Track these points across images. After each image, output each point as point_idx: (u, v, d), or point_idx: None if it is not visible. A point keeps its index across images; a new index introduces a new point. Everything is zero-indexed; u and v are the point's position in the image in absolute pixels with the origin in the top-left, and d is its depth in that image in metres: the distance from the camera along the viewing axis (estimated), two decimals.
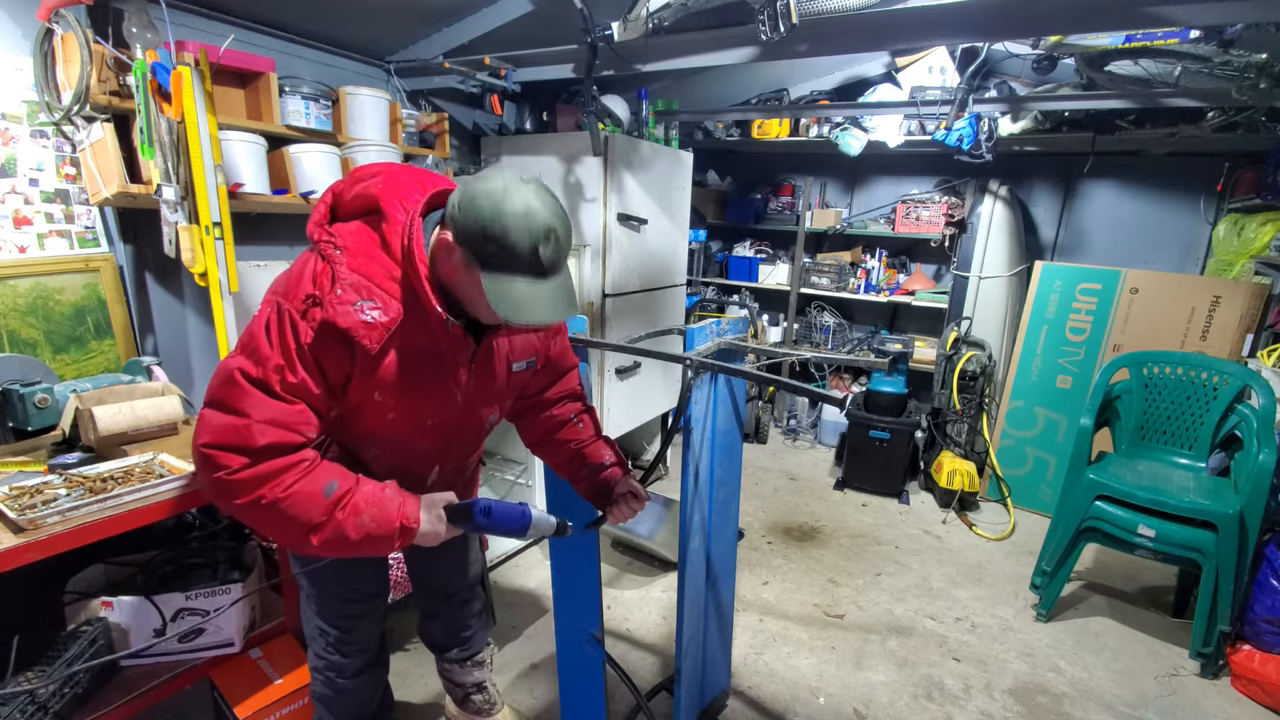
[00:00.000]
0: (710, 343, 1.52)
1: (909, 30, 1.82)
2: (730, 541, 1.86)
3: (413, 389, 1.09)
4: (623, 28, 1.98)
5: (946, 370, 3.57)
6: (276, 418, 0.95)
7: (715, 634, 1.84)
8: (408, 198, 1.04)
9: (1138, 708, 2.05)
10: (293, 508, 0.96)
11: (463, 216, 0.96)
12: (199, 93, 1.68)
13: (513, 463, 2.92)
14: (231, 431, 0.93)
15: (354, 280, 0.98)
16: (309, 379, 0.97)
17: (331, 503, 0.98)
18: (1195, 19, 1.58)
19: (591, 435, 1.40)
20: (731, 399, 1.65)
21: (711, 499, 1.63)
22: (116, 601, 1.50)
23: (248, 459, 0.93)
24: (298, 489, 0.96)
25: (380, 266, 1.01)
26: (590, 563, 1.60)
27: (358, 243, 1.02)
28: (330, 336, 0.96)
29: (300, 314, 0.96)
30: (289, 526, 0.97)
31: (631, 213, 2.87)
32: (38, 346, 1.79)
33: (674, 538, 2.82)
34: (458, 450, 1.31)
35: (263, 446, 0.93)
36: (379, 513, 1.01)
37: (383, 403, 1.08)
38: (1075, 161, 3.65)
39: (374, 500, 1.01)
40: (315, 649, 1.44)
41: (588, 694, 1.72)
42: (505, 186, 0.95)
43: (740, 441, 1.78)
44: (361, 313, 0.97)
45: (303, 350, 0.96)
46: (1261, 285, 2.91)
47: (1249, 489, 2.13)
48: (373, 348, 0.98)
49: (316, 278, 0.98)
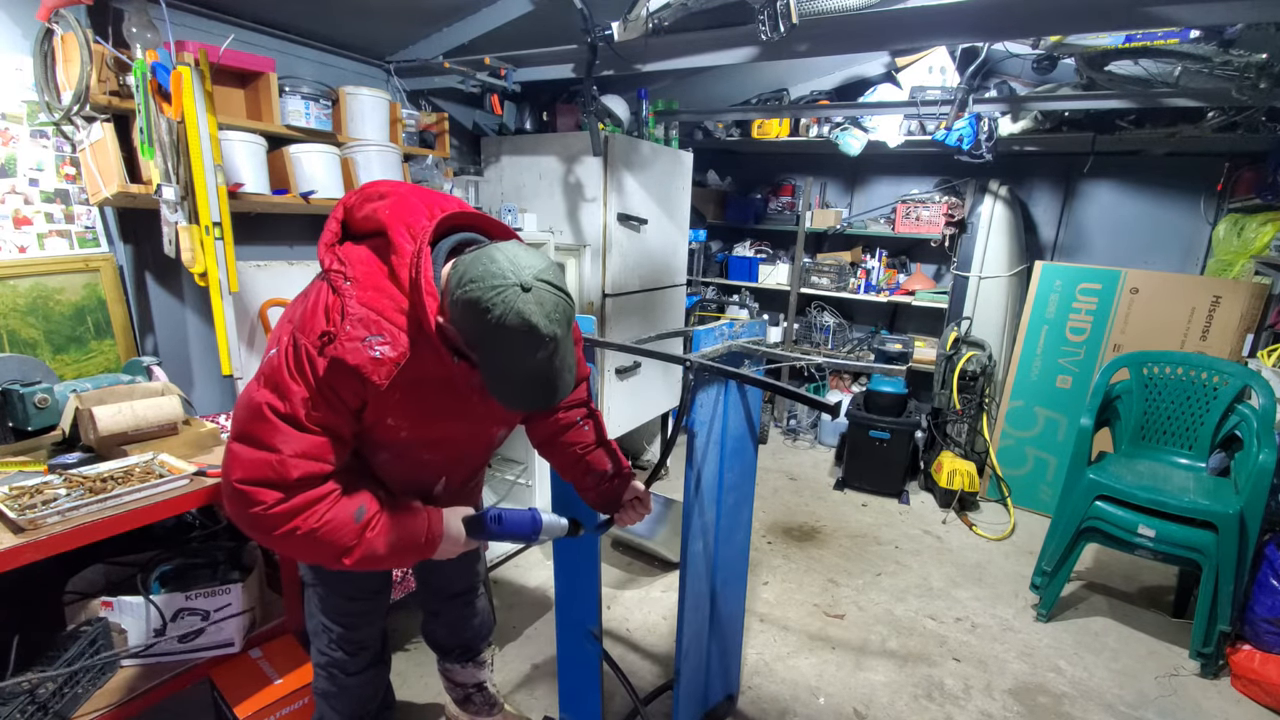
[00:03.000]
0: (719, 346, 1.51)
1: (909, 30, 1.82)
2: (741, 546, 1.84)
3: (425, 415, 1.11)
4: (623, 28, 1.98)
5: (946, 370, 3.57)
6: (307, 451, 0.97)
7: (722, 638, 1.83)
8: (415, 225, 1.02)
9: (1138, 708, 2.05)
10: (327, 535, 0.99)
11: (460, 320, 0.94)
12: (199, 93, 1.68)
13: (513, 463, 2.92)
14: (265, 467, 0.95)
15: (363, 315, 0.97)
16: (332, 411, 0.99)
17: (361, 526, 1.02)
18: (1195, 19, 1.59)
19: (593, 440, 1.39)
20: (744, 404, 1.63)
21: (720, 503, 1.62)
22: (116, 601, 1.50)
23: (282, 493, 0.96)
24: (330, 517, 0.99)
25: (389, 299, 1.00)
26: (591, 560, 1.62)
27: (367, 274, 1.01)
28: (341, 371, 0.97)
29: (318, 350, 0.96)
30: (322, 551, 1.01)
31: (631, 213, 2.87)
32: (38, 346, 1.79)
33: (675, 538, 2.82)
34: (466, 464, 1.33)
35: (297, 479, 0.96)
36: (406, 532, 1.06)
37: (395, 426, 1.10)
38: (1075, 161, 3.65)
39: (401, 520, 1.06)
40: (318, 645, 1.45)
41: (585, 688, 1.74)
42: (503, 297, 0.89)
43: (753, 446, 1.76)
44: (370, 349, 0.96)
45: (322, 385, 0.97)
46: (1261, 285, 2.91)
47: (1249, 489, 2.13)
48: (382, 384, 0.98)
49: (329, 312, 0.98)
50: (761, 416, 4.33)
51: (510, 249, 0.95)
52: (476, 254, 0.94)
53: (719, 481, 1.60)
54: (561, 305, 0.94)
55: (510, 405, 1.00)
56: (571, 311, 0.98)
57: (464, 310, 0.92)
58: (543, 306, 0.91)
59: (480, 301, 0.89)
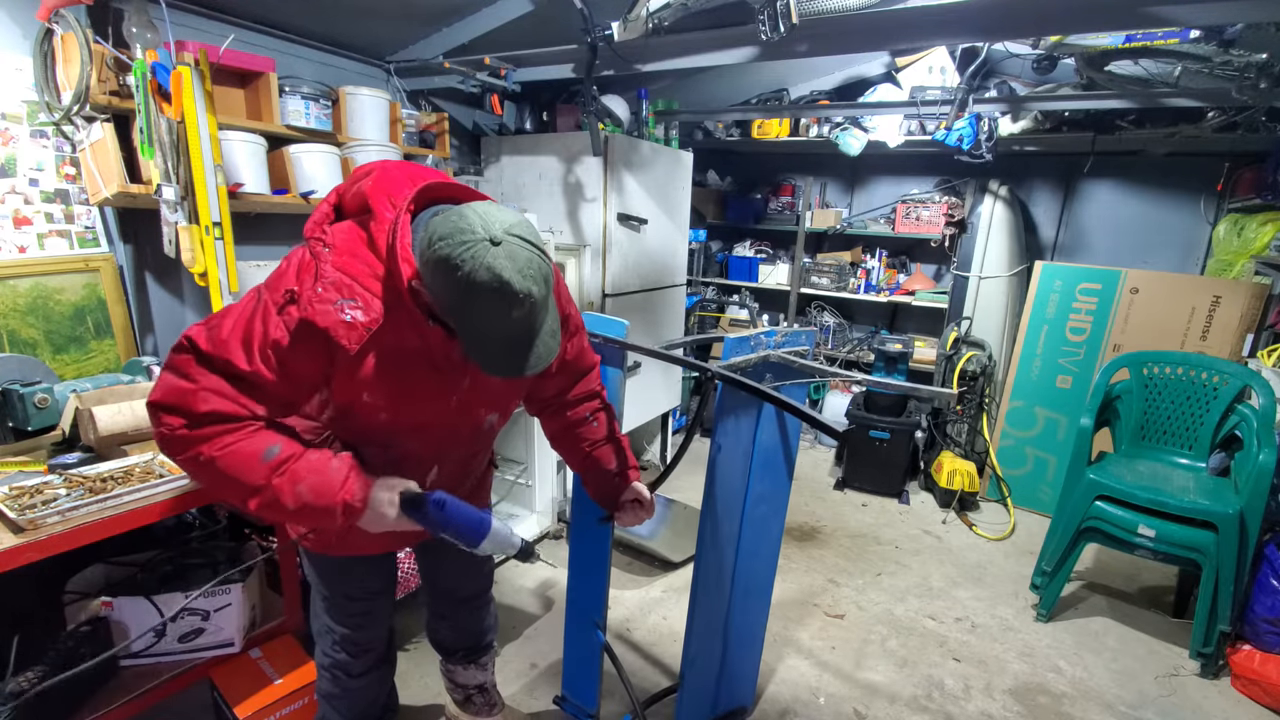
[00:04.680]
0: (752, 355, 1.44)
1: (909, 30, 1.82)
2: (769, 560, 1.81)
3: (402, 391, 1.07)
4: (623, 28, 1.98)
5: (946, 370, 3.57)
6: (221, 389, 0.95)
7: (738, 650, 1.81)
8: (397, 194, 1.00)
9: (1138, 708, 2.05)
10: (230, 467, 0.95)
11: (432, 282, 0.92)
12: (199, 93, 1.68)
13: (512, 462, 2.92)
14: (177, 394, 0.94)
15: (336, 278, 0.96)
16: (263, 369, 0.96)
17: (270, 467, 0.96)
18: (1195, 19, 1.59)
19: (604, 436, 1.38)
20: (779, 416, 1.58)
21: (746, 515, 1.60)
22: (116, 601, 1.50)
23: (185, 420, 0.95)
24: (235, 449, 0.95)
25: (365, 265, 0.99)
26: (602, 552, 1.65)
27: (346, 241, 1.00)
28: (309, 335, 0.95)
29: (277, 308, 0.96)
30: (228, 485, 0.98)
31: (631, 213, 2.87)
32: (38, 346, 1.79)
33: (676, 538, 2.83)
34: (455, 452, 1.28)
35: (203, 413, 0.94)
36: (318, 483, 0.98)
37: (372, 404, 1.06)
38: (1075, 161, 3.65)
39: (315, 470, 0.99)
40: (322, 647, 1.44)
41: (587, 672, 1.79)
42: (473, 254, 0.87)
43: (788, 459, 1.69)
44: (341, 312, 0.95)
45: (266, 341, 0.95)
46: (1261, 285, 2.91)
47: (1249, 489, 2.13)
48: (351, 348, 0.96)
49: (300, 273, 0.97)
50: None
51: (482, 207, 0.92)
52: (447, 213, 0.93)
53: (746, 493, 1.57)
54: (535, 261, 0.91)
55: (488, 369, 0.96)
56: (548, 269, 0.94)
57: (434, 270, 0.90)
58: (514, 261, 0.88)
59: (450, 259, 0.87)
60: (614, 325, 1.54)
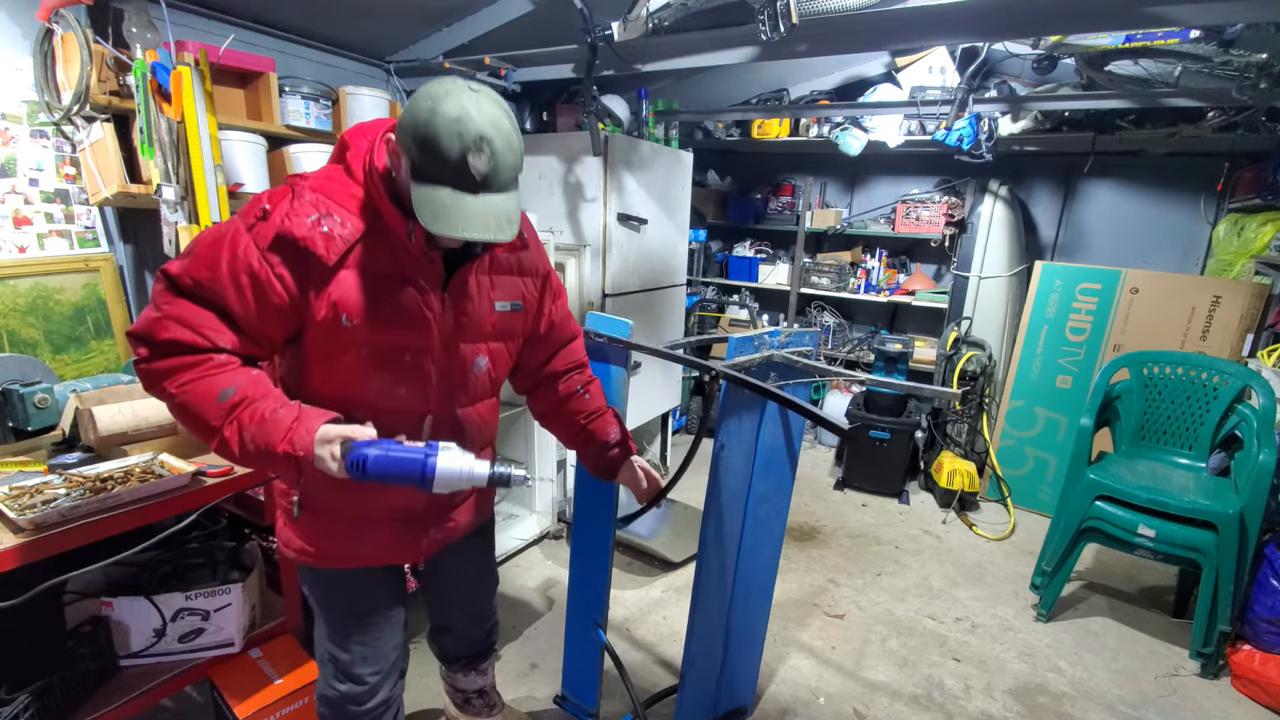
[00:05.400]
0: (755, 355, 1.44)
1: (909, 30, 1.82)
2: (770, 560, 1.81)
3: (382, 315, 1.04)
4: (623, 28, 1.98)
5: (946, 370, 3.57)
6: (182, 316, 0.96)
7: (738, 650, 1.81)
8: (372, 130, 1.07)
9: (1138, 708, 2.05)
10: (191, 406, 0.96)
11: (403, 116, 0.95)
12: (199, 93, 1.68)
13: (512, 462, 2.92)
14: (144, 321, 0.97)
15: (314, 199, 1.00)
16: (229, 288, 0.96)
17: (224, 409, 0.95)
18: (1195, 19, 1.59)
19: (600, 407, 1.39)
20: (782, 415, 1.58)
21: (749, 514, 1.60)
22: (116, 602, 1.50)
23: (148, 350, 0.96)
24: (193, 388, 0.96)
25: (341, 187, 1.03)
26: (603, 552, 1.66)
27: (323, 173, 1.06)
28: (285, 248, 0.97)
29: (247, 226, 0.98)
30: (196, 427, 0.98)
31: (631, 213, 2.87)
32: (38, 346, 1.79)
33: (675, 538, 2.83)
34: (446, 397, 1.18)
35: (162, 341, 0.95)
36: (260, 432, 0.95)
37: (352, 330, 1.03)
38: (1075, 161, 3.65)
39: (261, 418, 0.95)
40: (325, 676, 1.30)
41: (588, 671, 1.80)
42: (447, 90, 0.92)
43: (791, 458, 1.69)
44: (319, 225, 0.98)
45: (235, 255, 0.96)
46: (1261, 285, 2.91)
47: (1249, 489, 2.13)
48: (329, 259, 0.98)
49: (274, 196, 1.01)
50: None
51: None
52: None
53: (748, 492, 1.57)
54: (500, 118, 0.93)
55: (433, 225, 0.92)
56: (511, 135, 0.95)
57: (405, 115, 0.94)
58: (481, 108, 0.92)
59: (422, 97, 0.92)
60: (618, 325, 1.53)
